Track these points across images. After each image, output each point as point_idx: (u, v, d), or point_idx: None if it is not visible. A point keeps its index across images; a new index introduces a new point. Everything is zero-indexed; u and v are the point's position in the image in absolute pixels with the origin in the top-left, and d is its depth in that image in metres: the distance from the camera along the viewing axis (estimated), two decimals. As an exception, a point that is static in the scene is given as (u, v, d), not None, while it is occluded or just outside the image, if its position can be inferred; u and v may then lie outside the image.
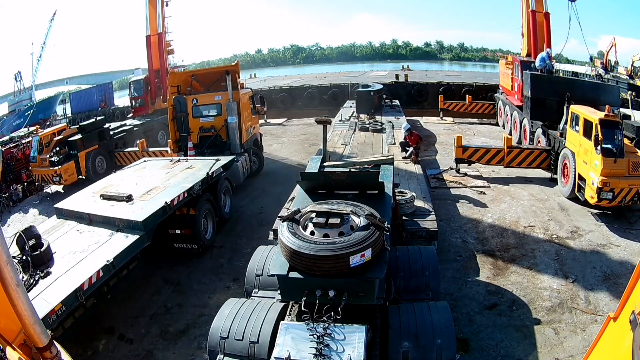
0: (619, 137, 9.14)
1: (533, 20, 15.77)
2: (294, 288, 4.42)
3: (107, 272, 6.04)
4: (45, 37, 34.68)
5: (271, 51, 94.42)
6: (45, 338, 2.70)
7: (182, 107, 12.12)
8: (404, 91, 23.20)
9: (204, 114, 12.42)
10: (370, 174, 6.19)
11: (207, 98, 12.40)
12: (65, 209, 8.03)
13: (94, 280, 5.82)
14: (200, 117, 12.40)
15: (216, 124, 12.37)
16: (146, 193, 8.12)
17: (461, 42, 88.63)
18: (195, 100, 12.31)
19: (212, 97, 12.35)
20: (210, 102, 12.35)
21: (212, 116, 12.39)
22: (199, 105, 12.35)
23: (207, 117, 12.40)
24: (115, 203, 7.75)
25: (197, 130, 12.37)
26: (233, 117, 11.92)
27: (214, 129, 12.36)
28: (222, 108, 12.19)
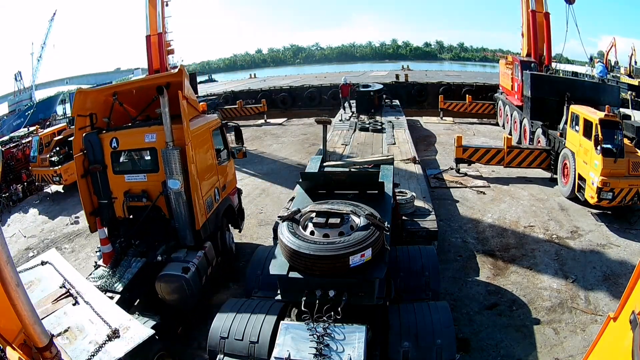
0: (619, 137, 9.14)
1: (533, 20, 15.76)
2: (294, 288, 4.42)
3: None
4: (45, 37, 34.74)
5: (271, 51, 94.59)
6: (45, 338, 2.71)
7: (97, 152, 6.60)
8: (404, 91, 23.22)
9: (130, 167, 6.85)
10: (370, 174, 6.20)
11: (133, 137, 6.66)
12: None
13: None
14: (125, 172, 6.74)
15: (150, 188, 6.58)
16: None
17: (461, 42, 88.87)
18: (114, 142, 6.61)
19: (141, 136, 6.56)
20: (138, 146, 6.67)
21: (143, 172, 6.67)
22: (120, 150, 6.67)
23: (136, 174, 6.72)
24: None
25: (122, 197, 6.68)
26: (175, 181, 6.25)
27: (147, 197, 6.58)
28: (159, 157, 6.42)
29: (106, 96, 6.95)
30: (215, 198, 7.28)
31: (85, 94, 6.92)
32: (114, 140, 6.63)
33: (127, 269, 6.19)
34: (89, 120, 6.81)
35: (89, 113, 6.79)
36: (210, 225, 6.97)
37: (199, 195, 6.54)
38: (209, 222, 6.92)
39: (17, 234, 11.35)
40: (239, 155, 8.40)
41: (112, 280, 6.01)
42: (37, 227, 11.76)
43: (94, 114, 6.83)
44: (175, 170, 6.20)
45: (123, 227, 6.84)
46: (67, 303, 4.97)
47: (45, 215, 12.55)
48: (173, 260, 6.37)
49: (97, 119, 6.86)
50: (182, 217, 6.44)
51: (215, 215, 7.22)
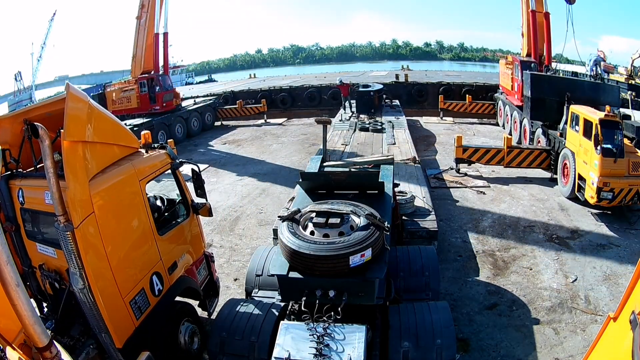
0: (619, 137, 9.15)
1: (533, 20, 15.76)
2: (294, 288, 4.42)
3: None
4: (45, 37, 34.82)
5: (271, 51, 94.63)
6: (45, 338, 2.70)
7: (8, 207, 4.76)
8: (404, 91, 23.22)
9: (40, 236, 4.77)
10: (370, 174, 6.20)
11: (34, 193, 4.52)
12: None
13: None
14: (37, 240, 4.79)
15: (62, 269, 4.52)
16: None
17: (461, 42, 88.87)
18: (20, 195, 4.66)
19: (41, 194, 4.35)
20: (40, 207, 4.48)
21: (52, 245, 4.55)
22: (27, 207, 4.68)
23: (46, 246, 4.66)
24: None
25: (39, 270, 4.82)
26: (77, 279, 3.93)
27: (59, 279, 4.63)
28: None
29: (17, 124, 4.67)
30: (155, 290, 4.77)
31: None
32: (20, 193, 4.64)
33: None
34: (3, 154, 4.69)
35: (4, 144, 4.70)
36: (148, 331, 4.55)
37: (111, 299, 4.16)
38: (144, 329, 4.50)
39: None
40: (202, 212, 5.76)
41: None
42: None
43: (7, 149, 4.72)
44: (74, 263, 3.89)
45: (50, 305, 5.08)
46: None
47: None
48: None
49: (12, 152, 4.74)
50: (98, 325, 4.16)
51: (157, 315, 4.72)
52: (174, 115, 19.54)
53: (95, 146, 4.18)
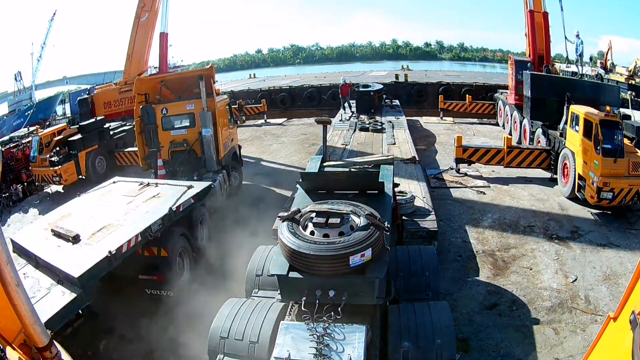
0: (619, 137, 9.15)
1: (531, 20, 15.80)
2: (294, 288, 4.42)
3: None
4: (45, 37, 34.67)
5: (271, 51, 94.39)
6: (45, 338, 2.70)
7: (151, 118, 10.43)
8: (404, 91, 23.19)
9: (175, 126, 10.77)
10: (370, 174, 6.19)
11: (178, 107, 10.73)
12: (18, 244, 6.80)
13: None
14: (171, 129, 10.74)
15: (189, 137, 10.72)
16: (97, 232, 6.63)
17: (461, 42, 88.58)
18: (164, 110, 10.59)
19: (184, 106, 10.68)
20: (181, 112, 10.71)
21: (184, 128, 10.75)
22: (169, 115, 10.63)
23: (179, 130, 10.75)
24: (63, 243, 6.38)
25: (168, 145, 10.69)
26: (208, 129, 10.33)
27: (186, 143, 10.69)
28: (196, 118, 10.60)
29: (156, 83, 11.23)
30: (229, 144, 11.76)
31: (141, 81, 11.38)
32: (164, 110, 10.65)
33: None
34: (144, 97, 10.78)
35: (144, 93, 10.79)
36: (226, 159, 11.32)
37: (221, 138, 10.99)
38: (225, 157, 11.31)
39: (17, 233, 11.33)
40: (240, 122, 14.19)
41: None
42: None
43: (147, 94, 10.83)
44: (208, 124, 10.50)
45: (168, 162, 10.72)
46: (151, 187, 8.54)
47: (45, 215, 12.54)
48: (204, 179, 9.93)
49: (149, 97, 10.86)
50: (210, 152, 10.63)
51: (228, 155, 11.58)
52: None
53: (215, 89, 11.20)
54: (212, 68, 11.14)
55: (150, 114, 10.42)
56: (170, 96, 11.12)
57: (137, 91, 10.79)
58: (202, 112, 10.35)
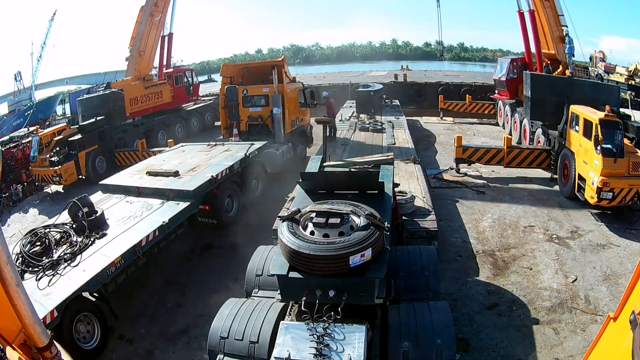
0: (619, 137, 9.14)
1: (521, 20, 15.87)
2: (294, 288, 4.41)
3: (162, 232, 7.13)
4: (45, 37, 34.71)
5: (271, 51, 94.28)
6: (45, 338, 2.70)
7: (233, 96, 12.95)
8: (403, 91, 23.19)
9: (253, 104, 13.26)
10: (370, 174, 6.19)
11: (256, 89, 13.19)
12: (112, 184, 9.12)
13: (151, 238, 6.89)
14: (250, 106, 13.26)
15: (263, 114, 13.11)
16: (191, 170, 9.32)
17: (461, 42, 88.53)
18: (245, 91, 13.17)
19: (261, 89, 13.11)
20: (258, 94, 13.14)
21: (260, 106, 13.15)
22: (248, 95, 13.20)
23: (256, 107, 13.22)
24: (163, 178, 8.93)
25: (246, 119, 13.28)
26: (278, 109, 12.65)
27: (261, 119, 13.13)
28: (269, 99, 12.89)
29: (240, 68, 14.22)
30: (297, 123, 13.98)
31: (227, 66, 14.07)
32: (245, 91, 13.20)
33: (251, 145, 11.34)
34: (229, 80, 13.56)
35: (229, 76, 13.65)
36: (292, 135, 13.59)
37: (289, 117, 13.21)
38: (292, 133, 13.61)
39: (17, 234, 11.34)
40: (312, 106, 15.07)
41: None
42: None
43: (232, 77, 13.71)
44: (278, 104, 12.69)
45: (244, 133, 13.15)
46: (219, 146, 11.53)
47: (45, 215, 12.54)
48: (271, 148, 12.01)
49: (234, 79, 13.66)
50: (279, 127, 12.84)
51: (295, 132, 13.90)
52: (174, 116, 19.53)
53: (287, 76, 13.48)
54: (284, 60, 13.66)
55: (233, 93, 12.98)
56: (251, 80, 13.91)
57: (224, 74, 13.73)
58: (274, 95, 12.73)
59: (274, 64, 13.00)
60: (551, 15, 14.64)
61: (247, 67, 14.22)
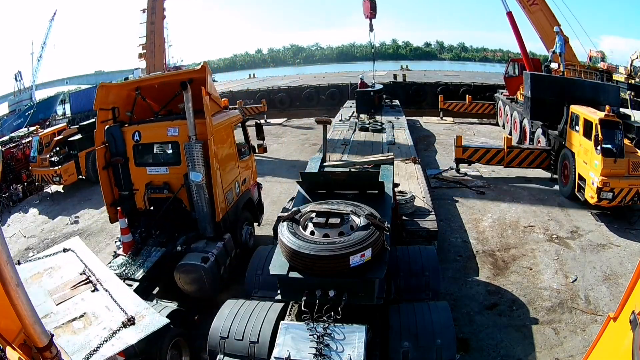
0: (619, 137, 9.14)
1: (511, 21, 15.94)
2: (294, 288, 4.41)
3: None
4: (45, 37, 34.77)
5: (271, 51, 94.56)
6: (45, 338, 2.70)
7: (119, 145, 6.95)
8: (402, 91, 23.19)
9: (152, 160, 7.14)
10: (370, 174, 6.19)
11: (155, 130, 6.96)
12: None
13: None
14: (147, 164, 7.06)
15: (172, 180, 6.92)
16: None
17: (461, 42, 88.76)
18: (136, 135, 6.92)
19: (164, 130, 6.88)
20: (160, 139, 6.98)
21: (165, 165, 7.00)
22: (143, 143, 6.96)
23: (158, 167, 7.02)
24: None
25: (143, 188, 7.03)
26: (197, 174, 6.53)
27: (168, 189, 6.92)
28: (181, 151, 6.78)
29: (129, 91, 7.30)
30: (236, 191, 7.64)
31: (107, 88, 7.16)
32: (136, 134, 6.96)
33: (147, 257, 6.36)
34: (111, 113, 7.12)
35: (111, 107, 7.12)
36: (230, 218, 7.25)
37: (219, 188, 6.86)
38: (229, 214, 7.23)
39: (17, 234, 11.35)
40: (259, 150, 8.78)
41: (132, 268, 6.16)
42: (37, 227, 11.76)
43: (116, 107, 7.16)
44: (197, 163, 6.52)
45: (143, 218, 7.04)
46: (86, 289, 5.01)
47: (45, 215, 12.55)
48: (192, 251, 6.54)
49: (120, 112, 7.20)
50: (202, 208, 6.73)
51: (235, 208, 7.53)
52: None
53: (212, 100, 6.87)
54: (205, 68, 6.84)
55: (117, 139, 6.88)
56: (155, 107, 7.59)
57: (100, 104, 6.97)
58: (188, 144, 6.47)
59: (188, 78, 6.68)
60: (549, 15, 14.76)
61: (139, 88, 7.26)
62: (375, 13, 17.70)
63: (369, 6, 17.50)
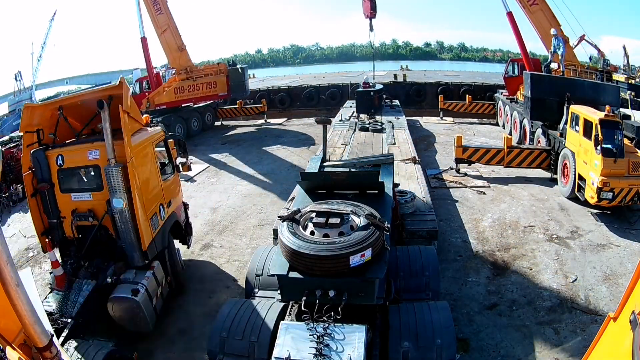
0: (619, 137, 9.14)
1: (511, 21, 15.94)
2: (294, 288, 4.42)
3: None
4: (45, 37, 34.80)
5: (271, 51, 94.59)
6: (45, 338, 2.70)
7: (44, 170, 6.49)
8: (402, 91, 23.20)
9: (76, 185, 6.62)
10: (370, 174, 6.19)
11: (76, 154, 6.51)
12: None
13: None
14: (72, 191, 6.56)
15: (96, 207, 6.46)
16: None
17: (461, 42, 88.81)
18: (59, 159, 6.49)
19: (85, 153, 6.43)
20: (82, 163, 6.49)
21: (88, 190, 6.53)
22: (66, 167, 6.50)
23: (82, 193, 6.54)
24: None
25: (70, 216, 6.54)
26: (119, 200, 6.16)
27: (93, 216, 6.49)
28: (102, 175, 6.32)
29: (52, 110, 6.73)
30: (161, 215, 7.09)
31: (32, 109, 6.66)
32: (59, 158, 6.45)
33: (79, 292, 6.04)
34: (36, 136, 6.57)
35: (35, 129, 6.56)
36: (157, 244, 6.80)
37: (143, 214, 6.36)
38: (156, 241, 6.76)
39: (17, 234, 11.34)
40: (183, 169, 8.27)
41: (66, 305, 5.86)
42: None
43: (41, 129, 6.59)
44: (118, 189, 6.06)
45: (73, 248, 6.64)
46: None
47: (45, 215, 12.52)
48: (122, 282, 6.24)
49: (44, 134, 6.64)
50: (128, 236, 6.30)
51: (162, 234, 7.04)
52: (174, 115, 19.56)
53: (131, 118, 6.53)
54: (122, 84, 6.40)
55: (42, 163, 6.46)
56: (76, 127, 7.08)
57: (25, 127, 6.55)
58: (107, 167, 6.10)
59: (107, 95, 6.36)
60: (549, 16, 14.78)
61: (61, 107, 6.75)
62: (375, 13, 17.67)
63: (369, 6, 17.47)
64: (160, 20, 19.03)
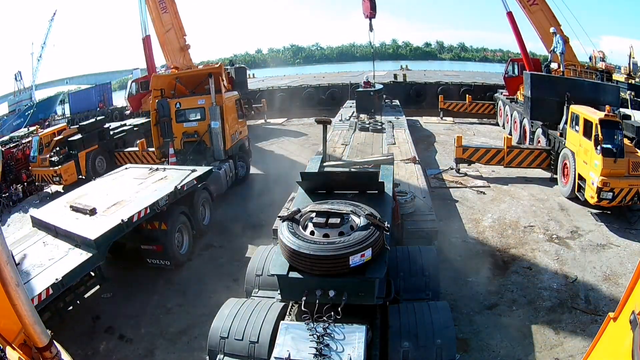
0: (619, 137, 9.14)
1: (511, 21, 15.93)
2: (294, 288, 4.41)
3: (56, 290, 5.86)
4: (45, 37, 34.72)
5: (271, 51, 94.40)
6: (45, 338, 2.70)
7: (165, 111, 11.65)
8: (402, 91, 23.14)
9: (187, 119, 11.90)
10: (370, 174, 6.18)
11: (190, 102, 11.92)
12: (37, 218, 7.92)
13: (43, 297, 5.67)
14: (184, 121, 11.89)
15: (200, 129, 11.84)
16: (112, 206, 7.71)
17: (461, 42, 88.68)
18: (178, 104, 11.78)
19: (196, 101, 11.85)
20: (193, 106, 11.84)
21: (196, 121, 11.86)
22: (182, 109, 11.82)
23: (191, 122, 11.87)
24: (80, 216, 7.47)
25: (181, 136, 11.88)
26: (216, 122, 11.46)
27: (197, 135, 11.82)
28: (206, 112, 11.68)
29: (171, 79, 12.59)
30: (236, 136, 12.76)
31: (157, 78, 12.71)
32: (178, 104, 11.87)
33: None
34: (159, 92, 12.10)
35: (160, 88, 12.16)
36: (233, 150, 12.39)
37: (228, 130, 12.05)
38: (233, 148, 12.37)
39: (17, 233, 11.34)
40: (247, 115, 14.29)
41: None
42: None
43: (162, 89, 12.22)
44: (216, 117, 11.61)
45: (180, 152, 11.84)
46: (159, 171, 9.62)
47: (45, 215, 12.52)
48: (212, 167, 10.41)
49: (165, 92, 12.24)
50: (218, 143, 11.75)
51: (235, 146, 12.54)
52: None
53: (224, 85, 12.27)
54: (221, 66, 12.52)
55: (165, 107, 11.66)
56: (184, 91, 12.47)
57: (154, 87, 12.12)
58: (211, 107, 11.50)
59: (210, 72, 11.79)
60: (549, 16, 14.78)
61: (178, 77, 12.53)
62: (375, 13, 17.65)
63: (369, 6, 17.45)
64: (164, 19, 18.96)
